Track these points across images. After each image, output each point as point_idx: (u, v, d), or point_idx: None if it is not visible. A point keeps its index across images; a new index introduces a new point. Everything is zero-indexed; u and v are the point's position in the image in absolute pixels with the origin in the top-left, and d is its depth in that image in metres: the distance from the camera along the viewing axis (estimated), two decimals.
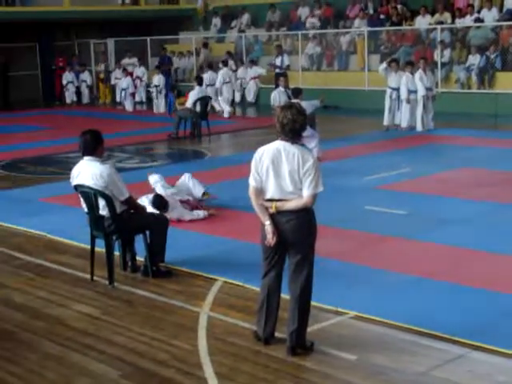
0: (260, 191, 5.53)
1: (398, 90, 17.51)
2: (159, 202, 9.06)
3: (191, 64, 28.10)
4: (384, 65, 18.17)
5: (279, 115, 5.48)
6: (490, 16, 21.56)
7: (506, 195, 10.54)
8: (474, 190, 10.90)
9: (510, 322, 6.05)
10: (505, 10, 21.57)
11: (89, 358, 5.69)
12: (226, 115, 21.81)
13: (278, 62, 24.87)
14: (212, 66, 23.46)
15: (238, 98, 25.61)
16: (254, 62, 25.45)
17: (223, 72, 22.48)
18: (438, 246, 8.25)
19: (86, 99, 28.65)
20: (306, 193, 5.42)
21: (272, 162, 5.46)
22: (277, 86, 22.38)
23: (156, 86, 23.89)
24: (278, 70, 24.13)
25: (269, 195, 5.51)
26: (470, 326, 5.93)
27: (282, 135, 5.50)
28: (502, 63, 20.57)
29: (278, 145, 5.51)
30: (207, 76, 22.00)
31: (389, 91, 17.67)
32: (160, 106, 24.00)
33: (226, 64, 22.90)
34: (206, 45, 27.88)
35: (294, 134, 5.46)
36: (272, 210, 5.48)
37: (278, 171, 5.46)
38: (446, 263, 7.67)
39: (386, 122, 17.78)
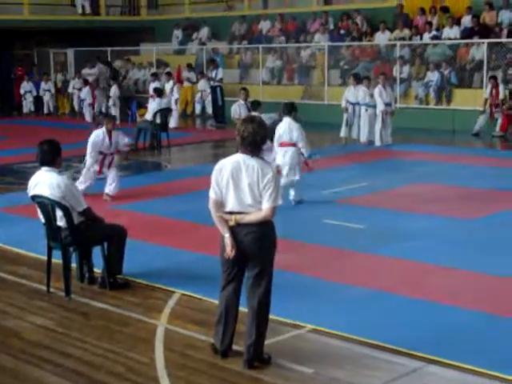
0: (220, 204, 5.53)
1: (355, 104, 17.76)
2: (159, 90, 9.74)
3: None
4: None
5: (240, 128, 5.48)
6: (452, 34, 21.87)
7: (462, 210, 10.66)
8: (430, 204, 11.01)
9: (465, 335, 6.11)
10: (462, 28, 21.91)
11: (44, 371, 5.61)
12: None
13: (212, 74, 25.34)
14: (171, 74, 23.70)
15: (198, 110, 25.63)
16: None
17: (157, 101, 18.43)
18: (394, 260, 8.31)
19: (49, 109, 28.33)
20: (266, 205, 5.43)
21: (232, 175, 5.47)
22: (215, 96, 22.94)
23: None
24: (212, 83, 24.74)
25: (229, 208, 5.51)
26: (425, 340, 5.98)
27: (242, 148, 5.51)
28: (459, 80, 20.89)
29: (238, 158, 5.51)
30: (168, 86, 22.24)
31: (345, 104, 17.89)
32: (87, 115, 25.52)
33: (159, 95, 18.48)
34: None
35: (254, 147, 5.47)
36: (232, 223, 5.47)
37: (238, 184, 5.46)
38: (401, 277, 7.73)
39: (342, 133, 18.05)
